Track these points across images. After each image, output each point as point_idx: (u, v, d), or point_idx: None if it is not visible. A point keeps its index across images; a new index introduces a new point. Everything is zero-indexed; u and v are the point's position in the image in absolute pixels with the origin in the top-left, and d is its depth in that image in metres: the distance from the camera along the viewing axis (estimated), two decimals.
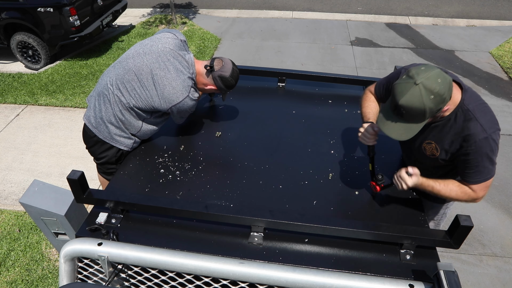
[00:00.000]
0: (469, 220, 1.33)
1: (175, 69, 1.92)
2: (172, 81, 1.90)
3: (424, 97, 1.39)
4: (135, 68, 1.94)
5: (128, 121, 2.02)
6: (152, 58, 1.93)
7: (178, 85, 1.91)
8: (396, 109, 1.48)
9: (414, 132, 1.51)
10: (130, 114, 2.00)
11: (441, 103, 1.43)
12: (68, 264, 1.43)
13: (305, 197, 1.77)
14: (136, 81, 1.93)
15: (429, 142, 1.71)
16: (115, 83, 1.97)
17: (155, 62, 1.92)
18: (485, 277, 2.84)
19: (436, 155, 1.71)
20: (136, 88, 1.94)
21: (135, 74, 1.93)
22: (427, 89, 1.39)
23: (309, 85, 2.71)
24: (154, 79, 1.91)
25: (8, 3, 5.21)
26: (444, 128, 1.63)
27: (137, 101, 1.95)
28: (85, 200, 1.58)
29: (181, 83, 1.92)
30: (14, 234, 3.14)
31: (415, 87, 1.40)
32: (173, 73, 1.91)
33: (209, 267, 1.31)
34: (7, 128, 4.50)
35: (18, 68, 5.87)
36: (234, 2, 8.43)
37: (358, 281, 1.27)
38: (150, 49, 1.96)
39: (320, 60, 6.00)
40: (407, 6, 8.08)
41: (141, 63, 1.94)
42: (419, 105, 1.40)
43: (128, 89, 1.94)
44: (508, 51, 6.12)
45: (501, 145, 4.47)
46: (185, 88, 1.93)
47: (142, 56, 1.95)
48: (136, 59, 1.96)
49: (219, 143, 2.13)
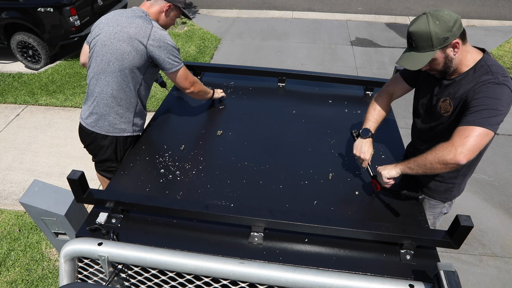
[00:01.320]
0: (469, 220, 1.33)
1: (126, 18, 2.01)
2: (131, 24, 1.98)
3: (430, 22, 1.53)
4: (100, 43, 2.03)
5: (122, 99, 2.08)
6: (109, 28, 2.02)
7: (137, 22, 1.98)
8: (408, 40, 1.62)
9: (424, 61, 1.59)
10: (123, 91, 2.06)
11: (447, 31, 1.53)
12: (68, 264, 1.43)
13: (305, 197, 1.77)
14: (107, 51, 2.00)
15: (445, 100, 1.73)
16: (97, 71, 2.05)
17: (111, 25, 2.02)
18: (485, 277, 2.84)
19: (449, 111, 1.71)
20: (112, 53, 1.99)
21: (103, 47, 2.01)
22: (433, 15, 1.55)
23: (309, 85, 2.71)
24: (116, 36, 1.97)
25: (8, 3, 5.21)
26: (461, 81, 1.67)
27: (120, 63, 1.99)
28: (85, 200, 1.57)
29: (139, 20, 1.98)
30: (14, 234, 3.14)
31: (423, 15, 1.58)
32: (125, 20, 2.00)
33: (209, 267, 1.31)
34: (7, 128, 4.50)
35: (18, 68, 5.87)
36: (234, 2, 8.43)
37: (358, 281, 1.27)
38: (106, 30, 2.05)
39: (320, 60, 6.01)
40: (407, 6, 8.08)
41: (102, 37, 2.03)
42: (424, 28, 1.54)
43: (107, 64, 2.01)
44: (508, 51, 6.12)
45: (501, 145, 4.48)
46: (145, 21, 1.99)
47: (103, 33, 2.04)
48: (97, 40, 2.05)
49: (219, 143, 2.13)
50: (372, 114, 1.96)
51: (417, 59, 1.60)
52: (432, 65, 1.66)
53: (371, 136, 1.87)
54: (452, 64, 1.63)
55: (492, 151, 4.05)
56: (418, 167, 1.63)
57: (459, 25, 1.56)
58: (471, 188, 3.60)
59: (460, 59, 1.63)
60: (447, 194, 1.98)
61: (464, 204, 3.42)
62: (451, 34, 1.54)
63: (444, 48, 1.57)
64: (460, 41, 1.57)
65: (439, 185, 1.96)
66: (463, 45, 1.60)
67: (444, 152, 1.54)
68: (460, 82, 1.67)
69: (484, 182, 3.67)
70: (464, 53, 1.62)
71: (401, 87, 1.98)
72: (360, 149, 1.83)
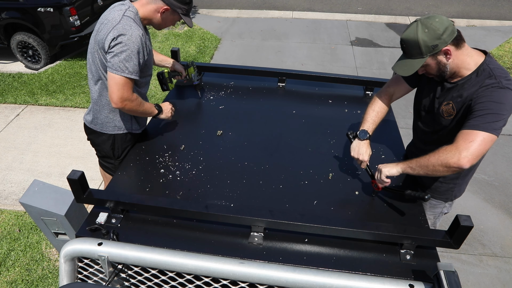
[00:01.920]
0: (469, 220, 1.33)
1: (109, 12, 1.93)
2: (110, 20, 1.88)
3: (418, 30, 1.56)
4: (91, 45, 2.00)
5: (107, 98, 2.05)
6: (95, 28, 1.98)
7: (113, 14, 1.88)
8: (401, 47, 1.67)
9: (415, 68, 1.63)
10: (107, 89, 2.03)
11: (435, 39, 1.55)
12: (68, 264, 1.43)
13: (305, 197, 1.77)
14: (94, 48, 1.96)
15: (447, 103, 1.74)
16: (91, 71, 2.04)
17: (96, 26, 1.96)
18: (485, 277, 2.84)
19: (452, 114, 1.71)
20: (89, 52, 1.98)
21: (91, 45, 1.98)
22: (423, 23, 1.56)
23: (309, 85, 2.71)
24: (100, 30, 1.91)
25: (8, 3, 5.21)
26: (463, 85, 1.67)
27: (95, 64, 1.97)
28: (85, 200, 1.58)
29: (115, 12, 1.89)
30: (14, 234, 3.14)
31: (414, 23, 1.61)
32: (109, 15, 1.90)
33: (209, 267, 1.31)
34: (7, 128, 4.50)
35: (18, 68, 5.87)
36: (234, 2, 8.43)
37: (358, 281, 1.27)
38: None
39: (320, 60, 6.00)
40: (407, 6, 8.08)
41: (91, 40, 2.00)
42: (413, 36, 1.57)
43: (97, 59, 1.97)
44: (508, 51, 6.12)
45: (501, 145, 4.48)
46: (119, 11, 1.88)
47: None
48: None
49: (219, 143, 2.13)
50: (371, 115, 1.95)
51: (409, 66, 1.64)
52: (427, 70, 1.69)
53: (369, 137, 1.86)
54: (446, 69, 1.64)
55: (492, 151, 4.05)
56: (419, 168, 1.63)
57: (450, 32, 1.55)
58: (471, 188, 3.60)
59: (456, 63, 1.63)
60: (448, 194, 1.98)
61: (464, 204, 3.42)
62: (441, 42, 1.55)
63: (435, 55, 1.59)
64: (452, 47, 1.58)
65: (440, 185, 1.95)
66: (458, 50, 1.61)
67: (448, 155, 1.53)
68: (463, 86, 1.66)
69: (484, 182, 3.67)
70: (461, 57, 1.62)
71: (402, 88, 1.98)
72: (358, 151, 1.82)
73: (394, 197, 1.79)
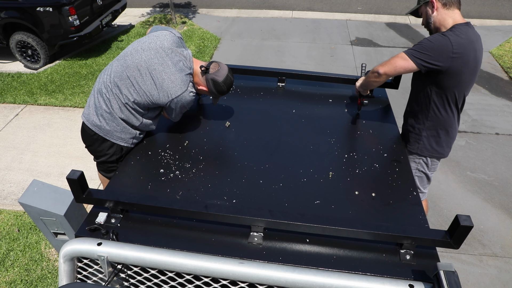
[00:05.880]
0: (469, 220, 1.33)
1: (174, 64, 1.94)
2: (171, 75, 1.92)
3: None
4: (133, 64, 1.95)
5: (127, 117, 2.02)
6: (151, 54, 1.94)
7: (177, 79, 1.93)
8: None
9: (412, 9, 2.19)
10: (128, 111, 2.01)
11: None
12: (68, 264, 1.43)
13: (305, 197, 1.77)
14: (134, 77, 1.94)
15: None
16: (113, 80, 1.97)
17: (154, 58, 1.94)
18: (485, 277, 2.84)
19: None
20: (134, 84, 1.94)
21: (133, 70, 1.94)
22: None
23: (309, 85, 2.70)
24: (153, 74, 1.92)
25: (7, 3, 5.21)
26: None
27: (135, 97, 1.96)
28: (84, 200, 1.57)
29: (180, 78, 1.94)
30: (13, 234, 3.14)
31: None
32: (171, 67, 1.93)
33: (209, 267, 1.31)
34: (6, 128, 4.50)
35: (17, 68, 5.87)
36: (234, 2, 8.43)
37: (358, 281, 1.26)
38: (149, 46, 1.97)
39: (320, 60, 6.00)
40: (407, 5, 8.08)
41: (139, 59, 1.94)
42: None
43: (127, 85, 1.95)
44: (508, 50, 6.12)
45: (501, 145, 4.48)
46: (183, 83, 1.95)
47: (141, 53, 1.96)
48: (134, 56, 1.96)
49: (219, 142, 2.13)
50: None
51: (412, 7, 2.12)
52: (422, 17, 2.13)
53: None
54: (430, 20, 2.06)
55: (492, 151, 4.05)
56: (365, 77, 2.21)
57: None
58: (471, 188, 3.60)
59: (439, 19, 2.02)
60: (415, 146, 2.31)
61: (464, 204, 3.42)
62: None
63: (425, 5, 2.07)
64: (439, 4, 1.99)
65: (408, 135, 2.34)
66: (444, 9, 1.98)
67: (376, 67, 2.09)
68: None
69: (484, 182, 3.67)
70: (444, 16, 1.99)
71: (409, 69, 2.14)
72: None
73: (394, 197, 1.79)
